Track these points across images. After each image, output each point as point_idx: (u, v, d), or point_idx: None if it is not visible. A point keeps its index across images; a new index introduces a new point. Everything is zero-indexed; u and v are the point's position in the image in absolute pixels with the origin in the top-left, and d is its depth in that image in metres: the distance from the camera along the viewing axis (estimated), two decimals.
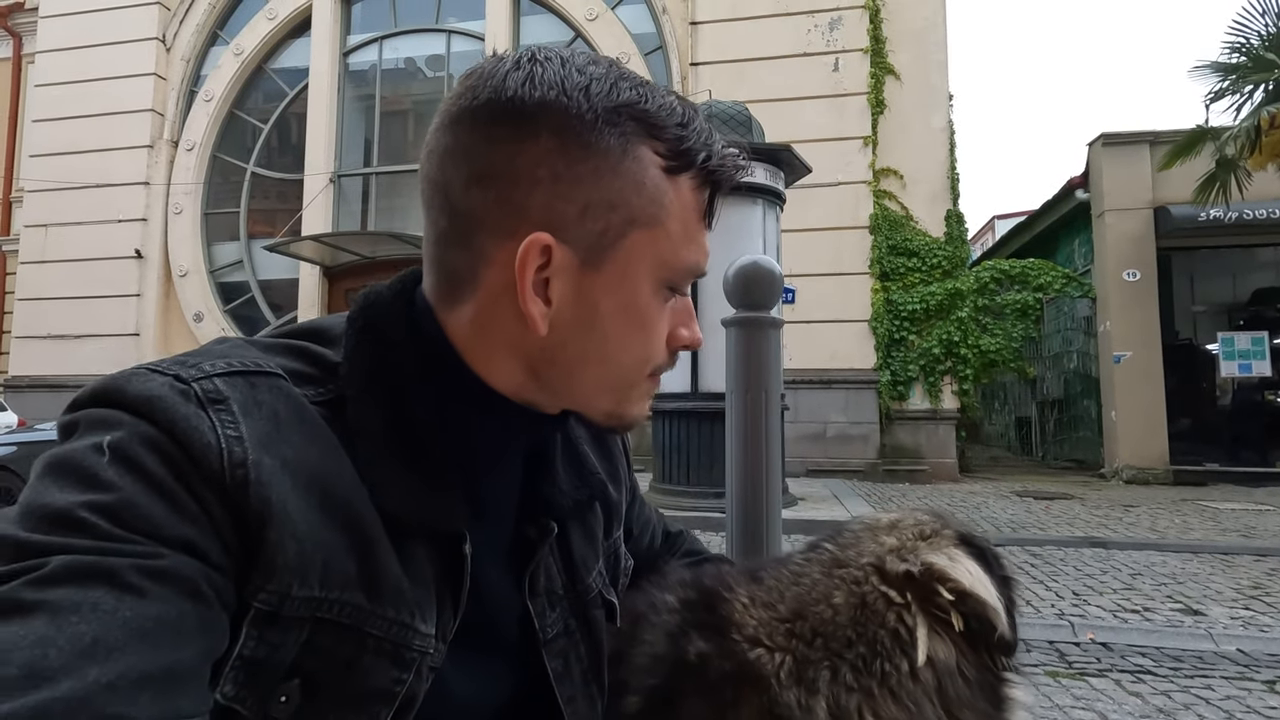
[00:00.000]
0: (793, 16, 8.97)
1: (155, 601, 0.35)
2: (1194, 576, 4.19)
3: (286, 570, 0.40)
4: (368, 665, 0.43)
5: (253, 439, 0.41)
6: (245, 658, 0.39)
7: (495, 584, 0.54)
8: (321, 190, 10.37)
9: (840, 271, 8.62)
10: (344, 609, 0.42)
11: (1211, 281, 10.10)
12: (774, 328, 1.17)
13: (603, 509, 0.64)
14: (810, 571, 0.55)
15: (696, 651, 0.52)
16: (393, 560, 0.45)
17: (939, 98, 9.03)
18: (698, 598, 0.56)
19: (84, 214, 10.70)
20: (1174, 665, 2.82)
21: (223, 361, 0.44)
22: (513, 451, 0.55)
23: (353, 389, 0.48)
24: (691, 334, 0.54)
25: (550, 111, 0.46)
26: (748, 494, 1.11)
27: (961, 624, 0.50)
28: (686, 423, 5.69)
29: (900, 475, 8.37)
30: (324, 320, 0.54)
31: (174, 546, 0.37)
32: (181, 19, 11.03)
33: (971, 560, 0.52)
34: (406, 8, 10.75)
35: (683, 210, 0.50)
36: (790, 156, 5.90)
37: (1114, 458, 8.69)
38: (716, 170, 0.51)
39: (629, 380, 0.52)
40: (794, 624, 0.51)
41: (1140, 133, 8.80)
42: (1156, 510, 6.45)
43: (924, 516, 0.59)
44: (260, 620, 0.40)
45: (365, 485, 0.45)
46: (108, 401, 0.41)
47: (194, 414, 0.40)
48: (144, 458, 0.38)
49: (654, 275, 0.50)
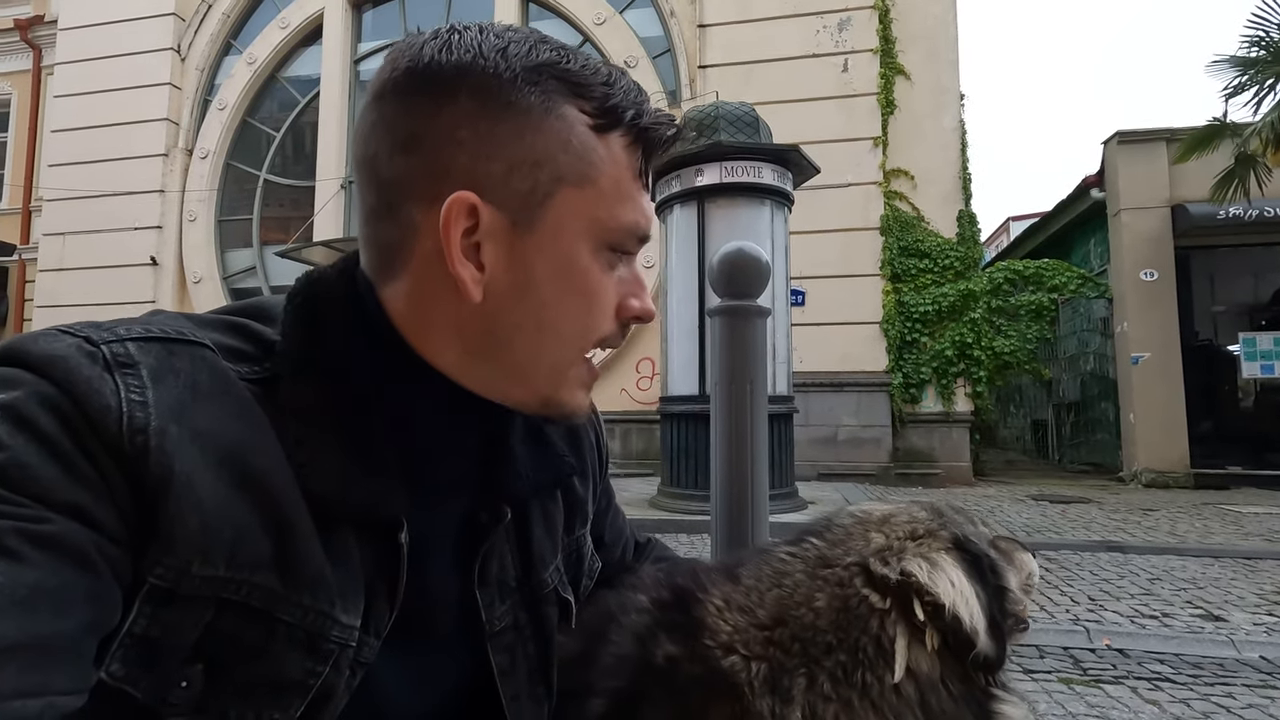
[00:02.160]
0: (801, 18, 8.93)
1: (34, 568, 0.32)
2: (1215, 581, 4.08)
3: (187, 545, 0.37)
4: (278, 653, 0.40)
5: (160, 406, 0.39)
6: (136, 635, 0.36)
7: (441, 571, 0.51)
8: (333, 196, 10.45)
9: (851, 273, 8.55)
10: (253, 591, 0.39)
11: (1232, 281, 9.91)
12: (760, 316, 1.13)
13: (566, 500, 0.61)
14: (793, 570, 0.52)
15: (665, 654, 0.49)
16: (315, 545, 0.42)
17: (950, 98, 8.95)
18: (670, 598, 0.53)
19: (101, 222, 10.86)
20: (1193, 672, 2.73)
21: (141, 327, 0.42)
22: (461, 433, 0.52)
23: (287, 367, 0.46)
24: (642, 305, 0.51)
25: (467, 74, 0.45)
26: (732, 492, 1.07)
27: (938, 640, 0.46)
28: (695, 425, 5.65)
29: (913, 479, 8.27)
30: (269, 299, 0.52)
31: (62, 511, 0.34)
32: (196, 29, 11.19)
33: (958, 569, 0.49)
34: (416, 15, 10.82)
35: (615, 168, 0.48)
36: (798, 157, 5.86)
37: (1133, 461, 8.53)
38: (649, 129, 0.49)
39: (569, 354, 0.50)
40: (773, 631, 0.48)
41: (1156, 130, 8.66)
42: (1176, 514, 6.31)
43: (920, 513, 0.55)
44: (155, 597, 0.37)
45: (292, 466, 0.42)
46: (13, 360, 0.39)
47: (97, 376, 0.38)
48: (39, 417, 0.36)
49: (591, 235, 0.48)
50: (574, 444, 0.64)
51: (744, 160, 5.74)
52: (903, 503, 0.58)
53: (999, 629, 0.48)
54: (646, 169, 0.50)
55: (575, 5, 9.77)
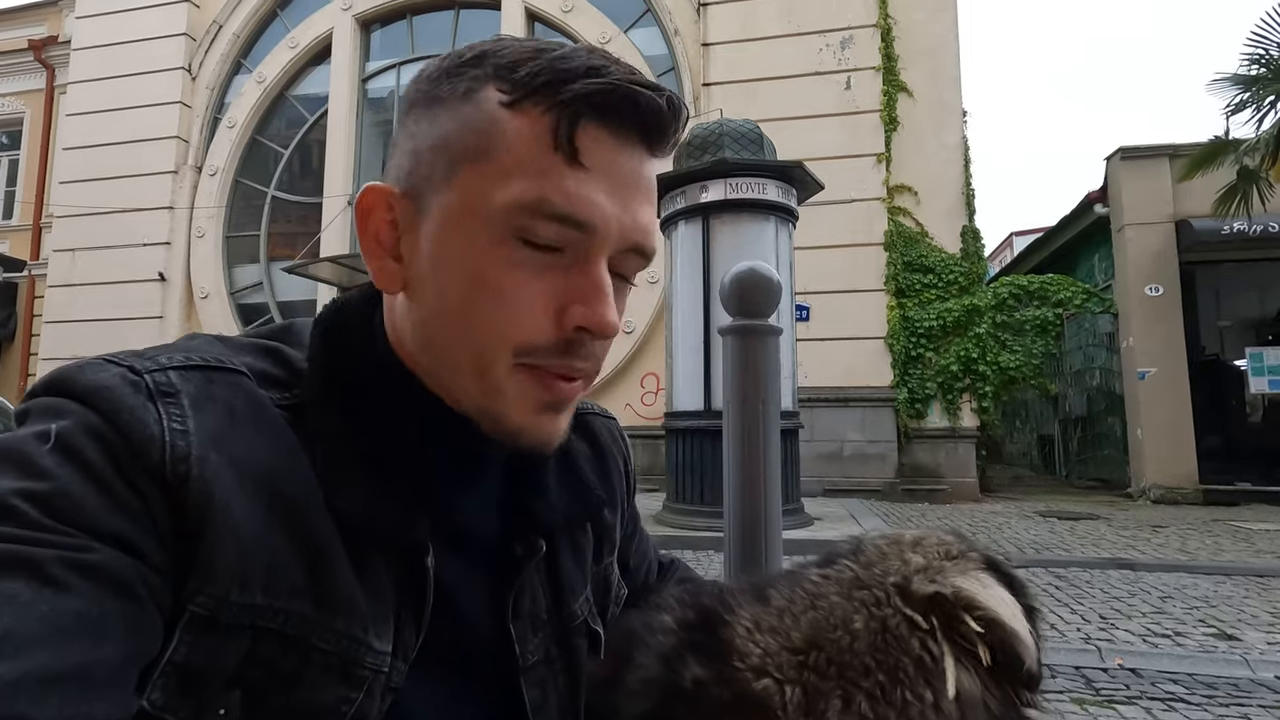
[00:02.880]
0: (804, 36, 9.03)
1: (77, 596, 0.33)
2: (1227, 600, 4.04)
3: (226, 573, 0.38)
4: (314, 680, 0.40)
5: (200, 434, 0.39)
6: (177, 664, 0.37)
7: (471, 602, 0.50)
8: (340, 213, 10.53)
9: (855, 288, 8.56)
10: (289, 619, 0.40)
11: (1237, 296, 9.89)
12: (773, 335, 1.14)
13: (595, 531, 0.60)
14: (828, 593, 0.51)
15: (692, 677, 0.48)
16: (347, 570, 0.42)
17: (953, 114, 9.01)
18: (695, 618, 0.52)
19: (110, 238, 10.96)
20: (1207, 693, 2.70)
21: (181, 355, 0.43)
22: (481, 462, 0.51)
23: (312, 393, 0.46)
24: (588, 312, 0.44)
25: (414, 89, 0.47)
26: (746, 512, 1.07)
27: (989, 655, 0.46)
28: (700, 441, 5.64)
29: (919, 495, 8.22)
30: (301, 321, 0.52)
31: (106, 540, 0.35)
32: (207, 49, 11.36)
33: (1000, 587, 0.49)
34: (423, 35, 10.98)
35: (521, 141, 0.42)
36: (802, 174, 5.90)
37: (1141, 477, 8.47)
38: (575, 91, 0.42)
39: (484, 357, 0.44)
40: (807, 654, 0.47)
41: (1159, 146, 8.69)
42: (1186, 531, 6.25)
43: (947, 536, 0.54)
44: (195, 625, 0.37)
45: (322, 491, 0.43)
46: (59, 389, 0.39)
47: (141, 405, 0.38)
48: (85, 447, 0.36)
49: (492, 219, 0.43)
50: (602, 472, 0.63)
51: (748, 177, 5.78)
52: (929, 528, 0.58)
53: (1039, 645, 0.48)
54: (570, 138, 0.42)
55: (580, 24, 9.90)
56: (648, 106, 0.43)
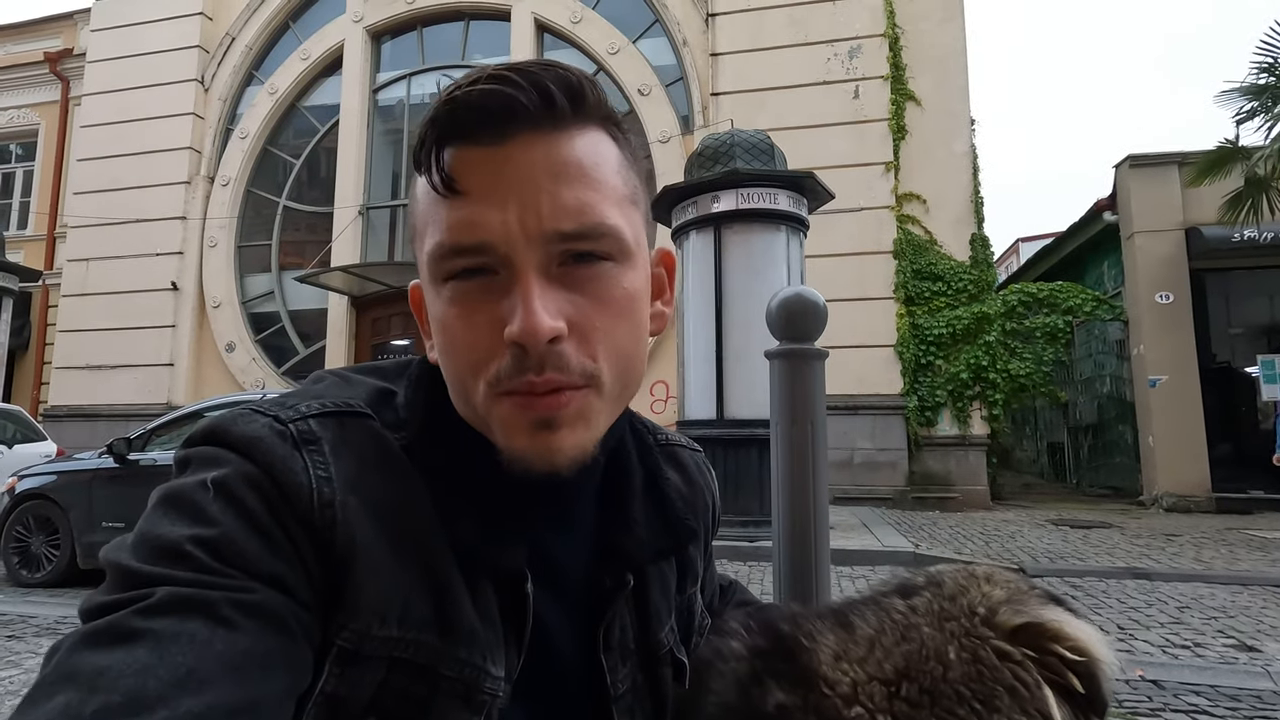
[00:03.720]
0: (812, 46, 9.08)
1: (245, 635, 0.36)
2: (1245, 610, 4.03)
3: (368, 609, 0.41)
4: (441, 706, 0.43)
5: (341, 479, 0.42)
6: (327, 694, 0.40)
7: (562, 632, 0.52)
8: (350, 222, 10.61)
9: (865, 296, 8.58)
10: (420, 649, 0.43)
11: (1248, 303, 9.85)
12: (818, 359, 1.16)
13: (678, 560, 0.61)
14: (919, 624, 0.52)
15: (775, 703, 0.49)
16: (466, 600, 0.45)
17: (961, 122, 9.04)
18: (769, 645, 0.53)
19: (123, 248, 11.07)
20: (1231, 705, 2.69)
21: (317, 403, 0.46)
22: (562, 493, 0.53)
23: (413, 436, 0.49)
24: (514, 328, 0.42)
25: None
26: (796, 529, 1.09)
27: (1080, 685, 0.48)
28: (712, 450, 5.65)
29: (930, 503, 8.21)
30: (406, 362, 0.56)
31: (265, 581, 0.38)
32: (220, 61, 11.48)
33: (1079, 620, 0.50)
34: (434, 46, 11.08)
35: (421, 201, 0.47)
36: (813, 183, 5.93)
37: (1153, 485, 8.44)
38: (426, 130, 0.44)
39: (467, 398, 0.47)
40: (899, 685, 0.48)
41: (1169, 154, 8.70)
42: (1201, 539, 6.23)
43: (1010, 574, 0.56)
44: (342, 658, 0.40)
45: (440, 524, 0.46)
46: (217, 440, 0.43)
47: (289, 454, 0.42)
48: (245, 495, 0.40)
49: (428, 278, 0.47)
50: (692, 504, 0.63)
51: (759, 187, 5.82)
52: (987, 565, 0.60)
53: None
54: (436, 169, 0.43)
55: (589, 35, 9.98)
56: (483, 100, 0.42)
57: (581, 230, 0.43)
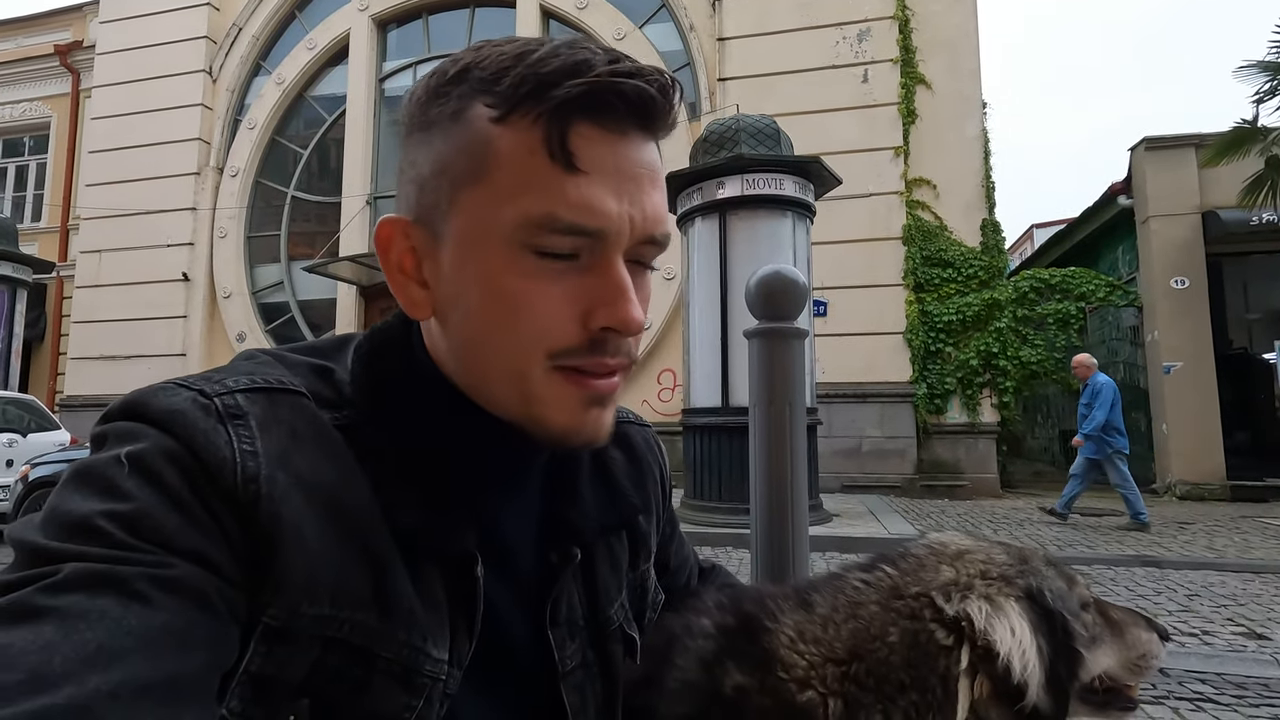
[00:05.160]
0: (820, 29, 8.95)
1: (162, 611, 0.35)
2: (1256, 598, 3.98)
3: (296, 586, 0.40)
4: (378, 688, 0.42)
5: (268, 454, 0.41)
6: (252, 673, 0.39)
7: (511, 610, 0.52)
8: (358, 212, 10.64)
9: (873, 283, 8.50)
10: (355, 629, 0.41)
11: (1266, 288, 9.67)
12: (798, 338, 1.14)
13: (630, 537, 0.61)
14: (867, 600, 0.51)
15: (733, 684, 0.49)
16: (405, 582, 0.44)
17: (972, 106, 8.90)
18: (736, 624, 0.53)
19: (135, 239, 11.17)
20: (1237, 693, 2.66)
21: (246, 378, 0.45)
22: (522, 470, 0.53)
23: (357, 413, 0.48)
24: (612, 314, 0.44)
25: (407, 113, 0.48)
26: (773, 513, 1.07)
27: (989, 686, 0.46)
28: (717, 438, 5.64)
29: (939, 491, 8.16)
30: (347, 338, 0.54)
31: (185, 557, 0.37)
32: (227, 52, 11.50)
33: (1023, 619, 0.48)
34: (439, 34, 11.04)
35: (514, 155, 0.43)
36: (819, 168, 5.86)
37: (1166, 472, 8.34)
38: (560, 96, 0.41)
39: (514, 367, 0.45)
40: (849, 665, 0.48)
41: (1185, 136, 8.53)
42: (1214, 527, 6.15)
43: (1000, 554, 0.53)
44: (269, 636, 0.39)
45: (380, 506, 0.44)
46: (134, 414, 0.41)
47: (212, 428, 0.40)
48: (163, 470, 0.38)
49: (502, 237, 0.43)
50: (637, 479, 0.63)
51: (765, 172, 5.76)
52: (987, 541, 0.56)
53: (1061, 688, 0.47)
54: (562, 145, 0.42)
55: (595, 21, 9.89)
56: (635, 95, 0.42)
57: (662, 239, 0.47)
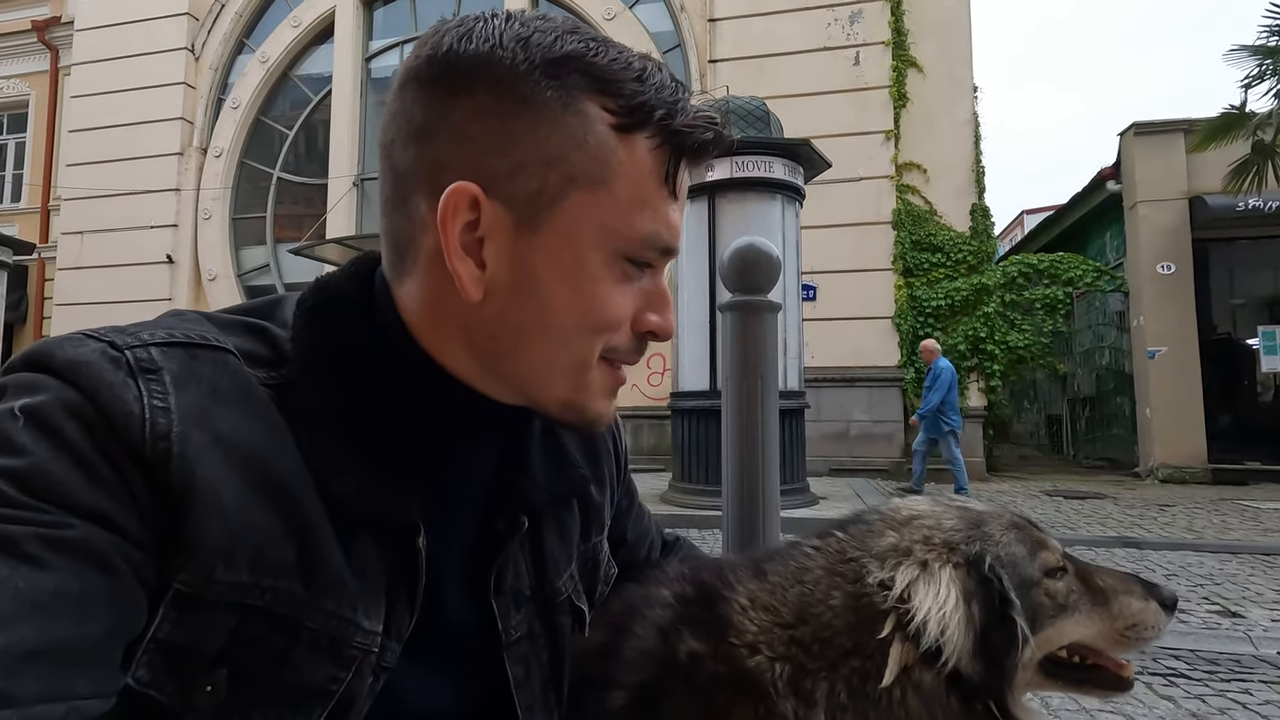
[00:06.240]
0: (812, 11, 8.87)
1: (55, 573, 0.33)
2: (1232, 578, 4.04)
3: (210, 551, 0.38)
4: (301, 659, 0.40)
5: (182, 412, 0.38)
6: (161, 641, 0.37)
7: (457, 580, 0.51)
8: (345, 194, 10.52)
9: (862, 268, 8.50)
10: (277, 597, 0.40)
11: (1251, 274, 9.75)
12: (771, 311, 1.13)
13: (582, 509, 0.60)
14: (814, 566, 0.52)
15: (688, 651, 0.49)
16: (335, 551, 0.42)
17: (963, 90, 8.87)
18: (693, 593, 0.54)
19: (118, 221, 10.99)
20: (1209, 669, 2.71)
21: (164, 332, 0.42)
22: (477, 440, 0.52)
23: (298, 371, 0.45)
24: (661, 320, 0.49)
25: (484, 65, 0.44)
26: (743, 487, 1.07)
27: (913, 651, 0.46)
28: (705, 421, 5.65)
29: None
30: (286, 297, 0.51)
31: (84, 516, 0.35)
32: (209, 29, 11.28)
33: (952, 586, 0.47)
34: (427, 12, 10.86)
35: (635, 172, 0.45)
36: (809, 151, 5.83)
37: (1149, 456, 8.44)
38: (681, 131, 0.45)
39: (580, 359, 0.47)
40: (796, 629, 0.48)
41: (1174, 121, 8.54)
42: (1194, 509, 6.24)
43: (950, 520, 0.53)
44: (179, 602, 0.37)
45: (310, 471, 0.42)
46: (37, 365, 0.39)
47: (120, 381, 0.38)
48: (63, 424, 0.36)
49: (602, 243, 0.45)
50: (590, 451, 0.63)
51: (754, 155, 5.73)
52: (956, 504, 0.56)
53: (995, 657, 0.47)
54: (675, 175, 0.46)
55: (585, 0, 9.76)
56: (720, 144, 0.48)
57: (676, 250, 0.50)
